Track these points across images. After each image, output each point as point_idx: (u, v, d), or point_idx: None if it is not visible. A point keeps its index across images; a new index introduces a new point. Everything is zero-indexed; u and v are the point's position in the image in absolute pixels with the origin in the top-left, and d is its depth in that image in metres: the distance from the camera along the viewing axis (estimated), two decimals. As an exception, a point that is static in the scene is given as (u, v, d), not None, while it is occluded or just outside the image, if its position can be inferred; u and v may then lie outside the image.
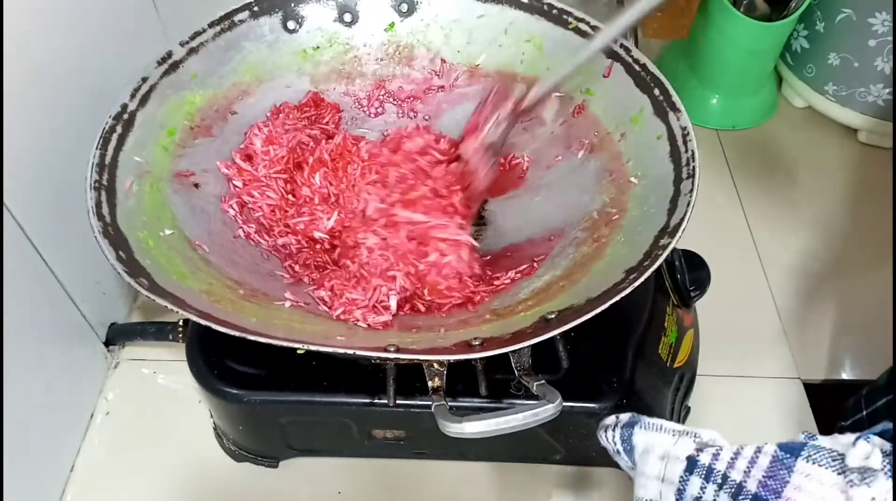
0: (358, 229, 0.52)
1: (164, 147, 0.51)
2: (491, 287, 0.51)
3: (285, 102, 0.58)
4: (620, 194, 0.52)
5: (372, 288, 0.48)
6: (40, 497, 0.56)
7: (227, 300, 0.45)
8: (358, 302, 0.48)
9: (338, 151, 0.57)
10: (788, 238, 0.77)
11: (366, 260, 0.50)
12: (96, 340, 0.63)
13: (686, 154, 0.49)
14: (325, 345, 0.41)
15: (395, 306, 0.48)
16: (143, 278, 0.42)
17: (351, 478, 0.58)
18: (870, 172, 0.84)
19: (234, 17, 0.56)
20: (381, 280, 0.49)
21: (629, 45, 0.56)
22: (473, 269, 0.51)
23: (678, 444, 0.29)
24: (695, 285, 0.58)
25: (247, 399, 0.50)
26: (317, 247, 0.53)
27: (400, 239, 0.51)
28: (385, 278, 0.49)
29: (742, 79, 0.86)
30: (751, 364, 0.67)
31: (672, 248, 0.44)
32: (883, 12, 0.75)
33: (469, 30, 0.61)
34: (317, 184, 0.55)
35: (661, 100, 0.52)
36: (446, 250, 0.51)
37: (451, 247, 0.51)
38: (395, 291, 0.49)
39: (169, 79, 0.53)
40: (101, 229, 0.43)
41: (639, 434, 0.31)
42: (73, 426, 0.60)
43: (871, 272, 0.75)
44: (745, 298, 0.72)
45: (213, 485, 0.58)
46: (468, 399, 0.48)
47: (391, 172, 0.55)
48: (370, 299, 0.48)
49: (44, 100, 0.51)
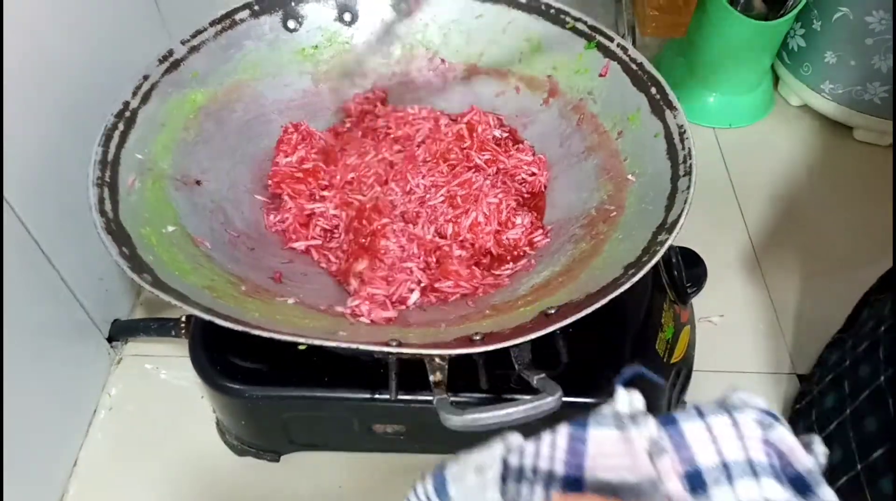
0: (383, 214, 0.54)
1: (166, 145, 0.52)
2: (492, 279, 0.51)
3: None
4: (618, 192, 0.53)
5: (397, 282, 0.49)
6: (43, 492, 0.56)
7: (230, 296, 0.45)
8: (376, 297, 0.48)
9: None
10: (784, 235, 0.78)
11: (394, 247, 0.51)
12: (99, 336, 0.63)
13: (683, 152, 0.50)
14: (327, 340, 0.41)
15: (415, 300, 0.49)
16: (146, 273, 0.43)
17: (352, 473, 0.59)
18: (866, 170, 0.85)
19: (234, 15, 0.57)
20: (404, 275, 0.50)
21: (626, 45, 0.56)
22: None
23: (488, 453, 0.29)
24: (691, 282, 0.58)
25: (249, 394, 0.51)
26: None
27: (422, 228, 0.53)
28: (403, 268, 0.50)
29: (739, 77, 0.87)
30: (747, 360, 0.68)
31: (670, 244, 0.45)
32: (880, 10, 0.76)
33: (468, 30, 0.61)
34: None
35: (658, 98, 0.53)
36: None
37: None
38: (415, 285, 0.50)
39: (170, 77, 0.53)
40: (103, 225, 0.44)
41: (450, 467, 0.30)
42: (76, 421, 0.60)
43: (867, 269, 0.75)
44: (741, 294, 0.73)
45: (216, 480, 0.59)
46: (469, 394, 0.49)
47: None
48: (392, 294, 0.49)
49: (46, 97, 0.52)
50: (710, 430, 0.28)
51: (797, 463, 0.28)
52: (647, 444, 0.27)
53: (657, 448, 0.27)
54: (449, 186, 0.56)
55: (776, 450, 0.28)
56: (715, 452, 0.27)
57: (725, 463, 0.27)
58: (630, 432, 0.27)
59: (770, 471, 0.27)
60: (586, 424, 0.28)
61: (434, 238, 0.53)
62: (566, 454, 0.28)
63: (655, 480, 0.26)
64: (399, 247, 0.51)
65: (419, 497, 0.31)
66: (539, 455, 0.29)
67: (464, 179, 0.56)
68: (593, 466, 0.28)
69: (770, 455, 0.28)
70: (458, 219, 0.54)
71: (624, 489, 0.27)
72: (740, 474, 0.27)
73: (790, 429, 0.29)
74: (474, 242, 0.53)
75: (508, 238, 0.54)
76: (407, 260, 0.51)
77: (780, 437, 0.28)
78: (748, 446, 0.28)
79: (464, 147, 0.58)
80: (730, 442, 0.28)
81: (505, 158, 0.58)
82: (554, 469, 0.28)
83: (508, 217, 0.54)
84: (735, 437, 0.28)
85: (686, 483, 0.26)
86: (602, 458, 0.28)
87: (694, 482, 0.27)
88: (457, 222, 0.54)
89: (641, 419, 0.28)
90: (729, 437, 0.28)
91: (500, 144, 0.59)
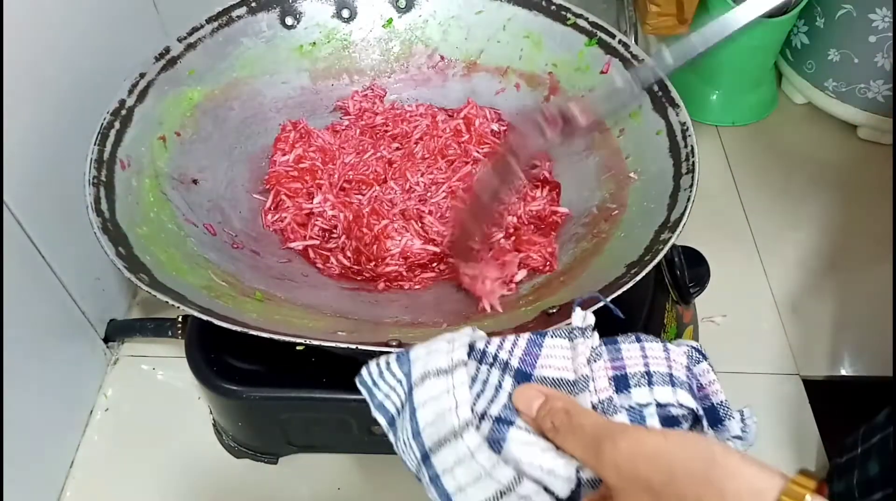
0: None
1: (163, 143, 0.51)
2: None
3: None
4: (620, 190, 0.52)
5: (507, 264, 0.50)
6: (40, 492, 0.56)
7: (228, 296, 0.44)
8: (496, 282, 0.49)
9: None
10: (788, 234, 0.77)
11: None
12: (95, 336, 0.63)
13: (685, 150, 0.49)
14: (326, 340, 0.41)
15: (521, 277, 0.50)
16: (143, 274, 0.42)
17: (350, 475, 0.58)
18: (869, 168, 0.84)
19: (231, 12, 0.56)
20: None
21: (628, 42, 0.55)
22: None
23: (458, 332, 0.33)
24: (694, 282, 0.58)
25: (246, 396, 0.50)
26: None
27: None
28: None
29: (742, 75, 0.86)
30: (750, 360, 0.67)
31: (672, 243, 0.44)
32: (883, 8, 0.75)
33: (467, 26, 0.61)
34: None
35: (660, 95, 0.52)
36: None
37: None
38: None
39: (167, 74, 0.52)
40: (100, 225, 0.43)
41: (416, 349, 0.33)
42: (73, 422, 0.60)
43: (870, 268, 0.75)
44: (744, 294, 0.72)
45: (213, 481, 0.58)
46: (468, 395, 0.48)
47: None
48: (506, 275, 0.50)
49: (42, 95, 0.51)
50: (643, 350, 0.34)
51: (714, 396, 0.34)
52: (588, 352, 0.33)
53: (595, 355, 0.33)
54: (450, 182, 0.55)
55: (699, 381, 0.34)
56: (643, 365, 0.33)
57: (649, 372, 0.33)
58: (578, 341, 0.33)
59: (687, 387, 0.33)
60: (545, 334, 0.34)
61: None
62: (523, 352, 0.34)
63: (588, 378, 0.32)
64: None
65: (377, 365, 0.34)
66: (501, 347, 0.34)
67: (463, 173, 0.55)
68: (542, 365, 0.33)
69: (690, 379, 0.33)
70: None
71: (562, 384, 0.33)
72: (660, 382, 0.32)
73: (713, 368, 0.34)
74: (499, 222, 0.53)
75: (532, 210, 0.54)
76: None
77: (703, 370, 0.34)
78: (673, 367, 0.33)
79: (462, 142, 0.58)
80: (658, 361, 0.33)
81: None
82: (510, 362, 0.33)
83: (526, 192, 0.55)
84: (663, 358, 0.33)
85: (613, 383, 0.33)
86: (550, 360, 0.33)
87: (619, 383, 0.33)
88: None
89: (588, 333, 0.34)
90: (658, 358, 0.33)
91: (499, 137, 0.59)
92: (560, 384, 0.33)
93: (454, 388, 0.31)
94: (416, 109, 0.61)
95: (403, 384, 0.33)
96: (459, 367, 0.31)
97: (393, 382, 0.34)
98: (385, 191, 0.55)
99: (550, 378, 0.33)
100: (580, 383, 0.32)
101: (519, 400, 0.31)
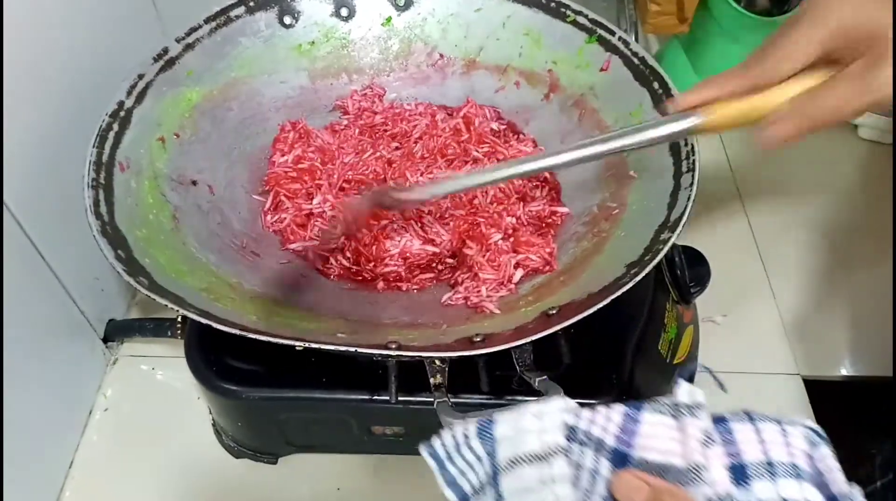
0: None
1: (161, 145, 0.51)
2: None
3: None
4: (620, 189, 0.52)
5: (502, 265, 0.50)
6: (39, 493, 0.56)
7: (227, 298, 0.44)
8: (490, 283, 0.49)
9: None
10: (789, 233, 0.77)
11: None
12: (95, 336, 0.63)
13: (686, 148, 0.49)
14: (326, 343, 0.40)
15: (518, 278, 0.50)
16: (142, 276, 0.42)
17: (350, 475, 0.58)
18: (870, 168, 0.84)
19: (230, 12, 0.56)
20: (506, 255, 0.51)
21: (628, 39, 0.55)
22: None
23: (546, 404, 0.30)
24: (694, 281, 0.57)
25: (245, 396, 0.50)
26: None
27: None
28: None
29: (742, 73, 0.86)
30: (751, 360, 0.67)
31: (673, 242, 0.44)
32: (883, 6, 0.75)
33: (466, 23, 0.60)
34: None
35: (661, 93, 0.52)
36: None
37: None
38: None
39: (165, 75, 0.52)
40: (99, 227, 0.43)
41: (500, 424, 0.30)
42: (72, 422, 0.60)
43: (871, 268, 0.75)
44: (745, 293, 0.72)
45: (212, 482, 0.58)
46: (470, 396, 0.48)
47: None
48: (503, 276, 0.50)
49: (41, 96, 0.51)
50: (758, 432, 0.29)
51: (833, 485, 0.29)
52: (701, 435, 0.28)
53: (709, 440, 0.28)
54: None
55: (817, 467, 0.29)
56: (761, 451, 0.29)
57: (770, 462, 0.28)
58: (685, 421, 0.29)
59: (812, 479, 0.28)
60: (641, 407, 0.30)
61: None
62: (618, 428, 0.29)
63: (702, 467, 0.28)
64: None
65: (453, 437, 0.31)
66: (594, 422, 0.30)
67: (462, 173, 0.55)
68: (643, 446, 0.29)
69: (812, 468, 0.29)
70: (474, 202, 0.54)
71: (670, 471, 0.28)
72: (784, 474, 0.28)
73: (834, 452, 0.30)
74: (499, 221, 0.53)
75: (531, 211, 0.54)
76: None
77: (823, 456, 0.30)
78: (793, 453, 0.29)
79: (461, 141, 0.57)
80: (776, 446, 0.29)
81: (504, 149, 0.57)
82: (605, 440, 0.29)
83: (525, 192, 0.54)
84: (782, 443, 0.29)
85: (730, 474, 0.28)
86: (653, 440, 0.29)
87: (738, 474, 0.28)
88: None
89: (699, 412, 0.29)
90: (776, 442, 0.29)
91: (499, 136, 0.59)
92: (667, 471, 0.28)
93: (553, 482, 0.28)
94: (415, 108, 0.60)
95: (485, 464, 0.30)
96: (557, 455, 0.28)
97: (472, 458, 0.31)
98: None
99: (655, 463, 0.28)
100: (691, 472, 0.28)
101: (619, 490, 0.27)
